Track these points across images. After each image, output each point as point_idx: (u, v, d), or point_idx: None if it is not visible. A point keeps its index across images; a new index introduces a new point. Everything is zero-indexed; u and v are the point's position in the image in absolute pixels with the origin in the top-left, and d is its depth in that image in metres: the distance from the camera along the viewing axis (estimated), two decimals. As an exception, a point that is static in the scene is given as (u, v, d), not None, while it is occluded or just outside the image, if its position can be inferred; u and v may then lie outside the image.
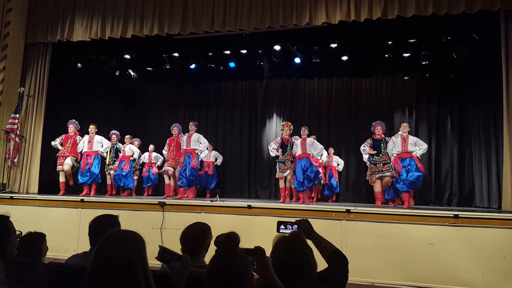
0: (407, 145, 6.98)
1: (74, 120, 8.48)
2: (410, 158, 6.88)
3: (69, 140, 8.25)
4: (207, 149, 9.29)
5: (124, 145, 9.27)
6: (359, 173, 9.87)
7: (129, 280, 1.57)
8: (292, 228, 2.33)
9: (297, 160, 7.47)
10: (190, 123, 8.19)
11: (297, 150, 7.53)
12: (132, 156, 9.11)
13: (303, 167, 7.29)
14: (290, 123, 7.92)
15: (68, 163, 8.04)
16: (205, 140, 8.08)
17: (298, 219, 2.39)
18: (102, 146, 8.34)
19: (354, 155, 9.88)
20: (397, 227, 5.61)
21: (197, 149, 7.95)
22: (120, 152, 9.09)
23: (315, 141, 7.76)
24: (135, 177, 9.48)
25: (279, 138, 7.82)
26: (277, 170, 7.73)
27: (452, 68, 9.23)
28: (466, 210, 6.88)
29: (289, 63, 9.44)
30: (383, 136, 7.18)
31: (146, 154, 9.90)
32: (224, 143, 10.94)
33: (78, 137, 8.36)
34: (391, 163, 6.96)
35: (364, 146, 7.18)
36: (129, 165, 8.89)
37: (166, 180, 8.34)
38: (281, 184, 7.73)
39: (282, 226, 2.36)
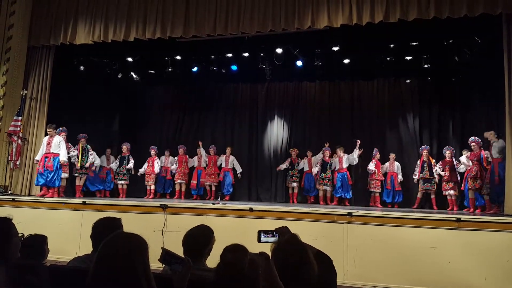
0: (342, 163, 9.39)
1: (64, 127, 8.61)
2: (344, 173, 9.34)
3: None
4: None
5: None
6: (360, 177, 9.88)
7: (131, 283, 1.57)
8: (273, 236, 2.34)
9: (305, 174, 9.98)
10: (227, 149, 10.36)
11: (305, 167, 10.01)
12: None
13: (309, 179, 9.91)
14: (296, 149, 10.22)
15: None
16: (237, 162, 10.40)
17: (277, 227, 2.41)
18: (59, 150, 8.16)
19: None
20: (399, 230, 5.60)
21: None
22: (88, 154, 9.22)
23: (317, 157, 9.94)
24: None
25: (289, 159, 10.15)
26: (289, 181, 10.09)
27: (454, 71, 9.21)
28: (468, 213, 6.86)
29: (291, 66, 9.44)
30: (329, 159, 9.51)
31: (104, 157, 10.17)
32: (226, 146, 10.92)
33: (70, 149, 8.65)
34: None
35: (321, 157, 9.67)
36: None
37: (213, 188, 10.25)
38: (290, 190, 10.13)
39: (263, 235, 2.36)
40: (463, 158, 8.05)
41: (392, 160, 9.51)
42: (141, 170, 10.10)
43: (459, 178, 8.41)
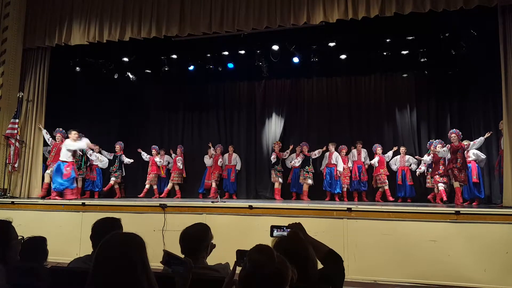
0: (331, 159, 9.55)
1: (61, 129, 8.59)
2: (332, 168, 9.46)
3: (54, 149, 8.42)
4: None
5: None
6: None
7: (131, 282, 1.57)
8: (286, 231, 2.37)
9: (293, 169, 9.96)
10: (230, 147, 10.58)
11: (293, 162, 9.93)
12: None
13: (298, 175, 9.84)
14: (280, 142, 10.14)
15: (49, 173, 8.29)
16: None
17: (290, 223, 2.42)
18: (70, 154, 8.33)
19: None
20: (398, 224, 5.61)
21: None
22: (84, 156, 9.20)
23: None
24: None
25: (274, 153, 9.98)
26: (273, 175, 9.84)
27: (451, 65, 9.22)
28: (467, 206, 6.88)
29: (287, 63, 9.43)
30: (309, 153, 9.69)
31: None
32: (226, 144, 10.93)
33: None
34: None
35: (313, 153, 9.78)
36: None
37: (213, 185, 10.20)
38: (276, 185, 9.81)
39: (275, 230, 2.39)
40: (442, 149, 8.01)
41: (403, 154, 9.43)
42: (127, 161, 10.08)
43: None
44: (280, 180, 9.78)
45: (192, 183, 10.70)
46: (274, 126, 10.88)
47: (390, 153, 9.58)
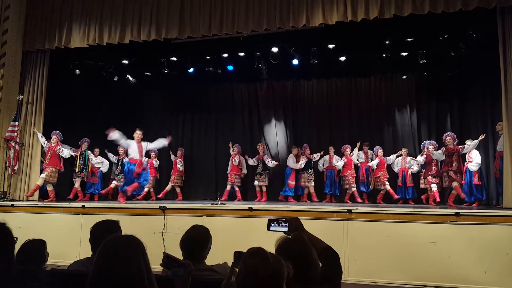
0: (331, 161, 9.64)
1: (57, 131, 8.60)
2: (333, 170, 9.61)
3: (49, 152, 8.39)
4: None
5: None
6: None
7: (131, 284, 1.57)
8: (283, 225, 2.33)
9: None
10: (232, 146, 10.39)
11: (301, 164, 9.72)
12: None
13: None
14: (264, 144, 10.23)
15: (42, 176, 8.25)
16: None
17: (288, 217, 2.40)
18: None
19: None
20: (399, 226, 5.60)
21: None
22: (88, 159, 9.21)
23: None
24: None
25: (257, 156, 10.05)
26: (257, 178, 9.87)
27: (450, 66, 9.23)
28: (466, 207, 6.87)
29: (287, 65, 9.44)
30: (310, 156, 9.66)
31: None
32: (225, 146, 10.91)
33: (58, 148, 8.46)
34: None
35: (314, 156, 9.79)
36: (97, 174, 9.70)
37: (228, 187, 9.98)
38: (257, 188, 9.92)
39: (272, 224, 2.35)
40: (437, 151, 8.00)
41: (404, 155, 9.34)
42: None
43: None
44: (266, 182, 9.86)
45: (192, 185, 10.68)
46: (275, 128, 10.88)
47: (393, 156, 9.54)
